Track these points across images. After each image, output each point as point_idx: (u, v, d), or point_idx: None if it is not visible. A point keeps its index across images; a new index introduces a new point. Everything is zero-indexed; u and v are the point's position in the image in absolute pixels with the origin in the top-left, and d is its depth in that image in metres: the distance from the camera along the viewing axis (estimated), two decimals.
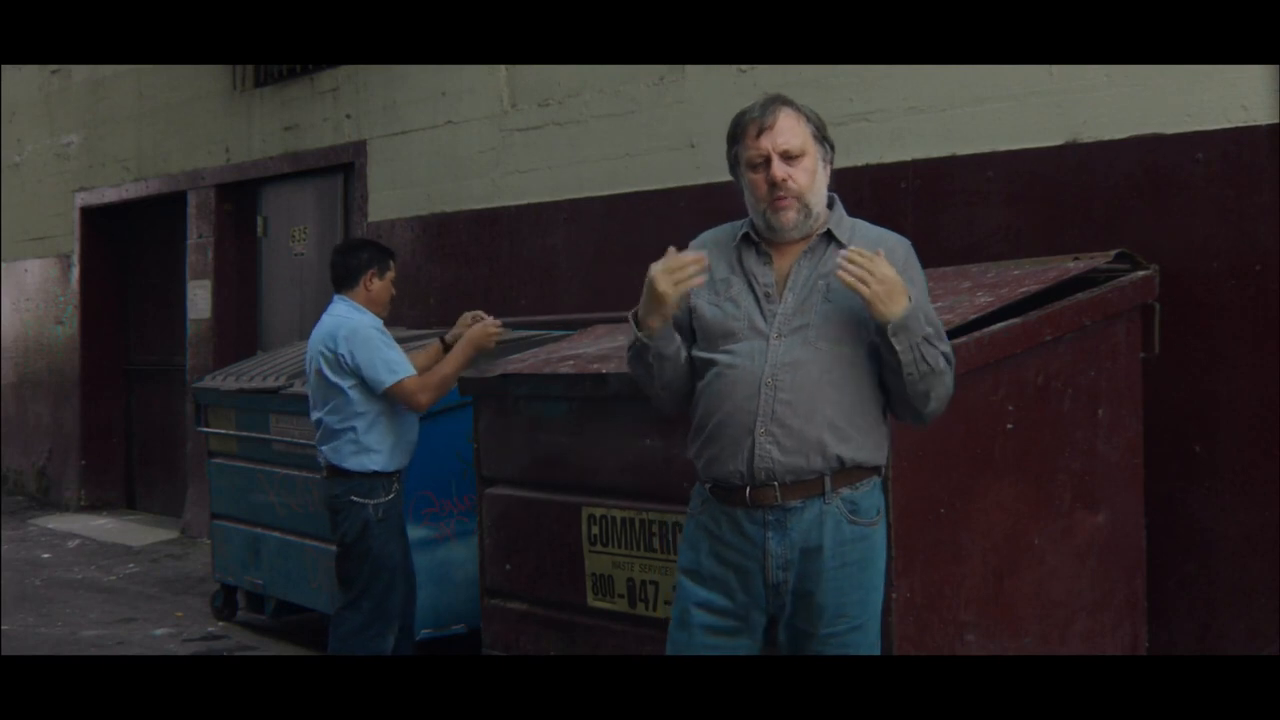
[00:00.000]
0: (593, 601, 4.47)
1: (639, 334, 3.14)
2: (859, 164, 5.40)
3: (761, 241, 3.17)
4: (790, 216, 3.10)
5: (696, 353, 3.18)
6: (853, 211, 3.28)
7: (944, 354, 3.09)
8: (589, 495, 4.47)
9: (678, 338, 3.16)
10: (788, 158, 3.09)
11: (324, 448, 4.99)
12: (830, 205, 3.20)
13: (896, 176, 5.44)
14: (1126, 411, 4.43)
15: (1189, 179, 4.66)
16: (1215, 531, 4.60)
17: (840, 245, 3.12)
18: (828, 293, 3.09)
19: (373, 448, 4.91)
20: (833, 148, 3.20)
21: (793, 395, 3.03)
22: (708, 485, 3.16)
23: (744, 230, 3.21)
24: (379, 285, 5.07)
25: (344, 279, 5.09)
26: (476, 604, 5.01)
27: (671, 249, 3.10)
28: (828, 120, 3.24)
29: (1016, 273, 4.41)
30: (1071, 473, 4.25)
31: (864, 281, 2.93)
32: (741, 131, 3.15)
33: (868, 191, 5.41)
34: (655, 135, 6.40)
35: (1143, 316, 4.51)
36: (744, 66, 5.93)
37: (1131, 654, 4.43)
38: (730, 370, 3.09)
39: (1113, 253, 4.52)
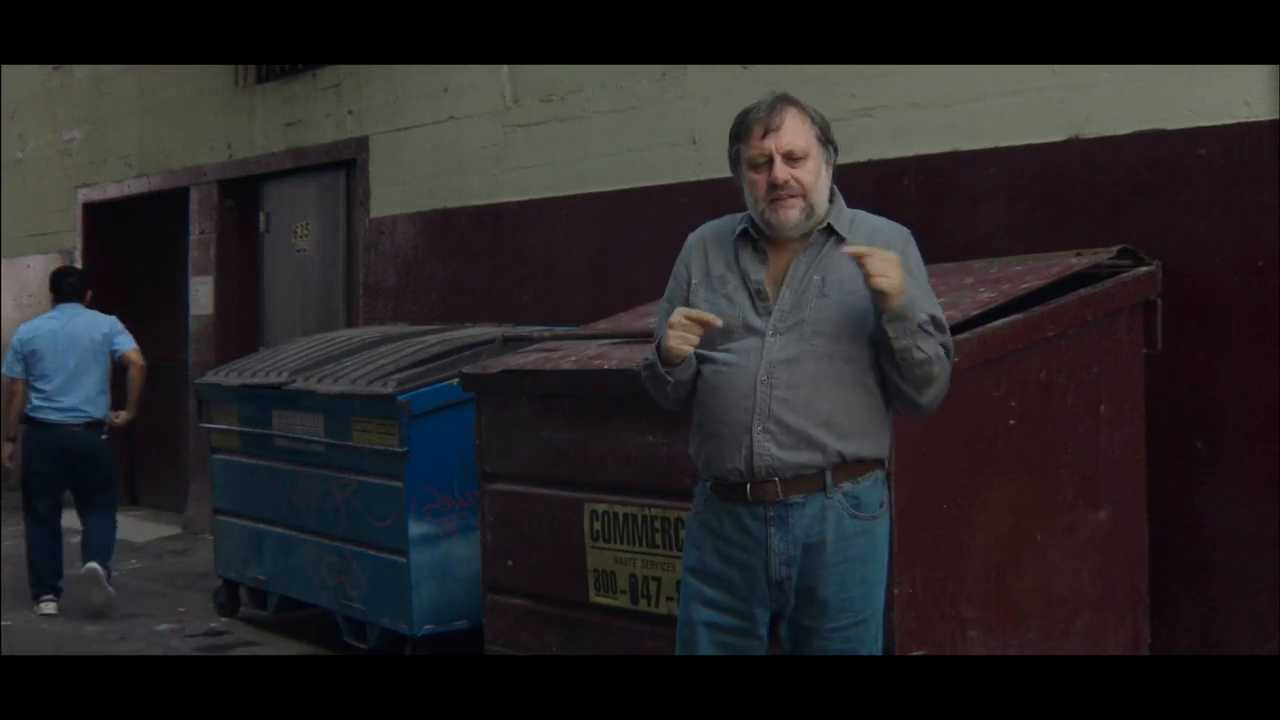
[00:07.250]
0: (595, 597, 4.47)
1: (662, 368, 3.13)
2: (861, 160, 5.38)
3: (760, 239, 3.16)
4: (793, 215, 3.08)
5: (696, 350, 3.15)
6: (855, 208, 3.26)
7: (943, 345, 3.08)
8: (591, 491, 4.47)
9: (694, 364, 3.13)
10: (790, 159, 3.06)
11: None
12: (830, 199, 3.17)
13: (899, 172, 5.43)
14: (1129, 407, 4.43)
15: (1191, 175, 4.65)
16: (1217, 527, 4.60)
17: (840, 239, 3.11)
18: (823, 287, 3.08)
19: None
20: (836, 150, 3.17)
21: (789, 392, 3.02)
22: (709, 484, 3.15)
23: (742, 226, 3.19)
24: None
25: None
26: (478, 600, 5.02)
27: (682, 310, 3.08)
28: (830, 116, 3.22)
29: (1019, 268, 4.41)
30: (1074, 469, 4.25)
31: (885, 275, 2.92)
32: (745, 130, 3.11)
33: (870, 188, 5.38)
34: (657, 131, 6.39)
35: (1145, 312, 4.50)
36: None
37: (1134, 650, 4.43)
38: (726, 368, 3.08)
39: (1115, 248, 4.51)
